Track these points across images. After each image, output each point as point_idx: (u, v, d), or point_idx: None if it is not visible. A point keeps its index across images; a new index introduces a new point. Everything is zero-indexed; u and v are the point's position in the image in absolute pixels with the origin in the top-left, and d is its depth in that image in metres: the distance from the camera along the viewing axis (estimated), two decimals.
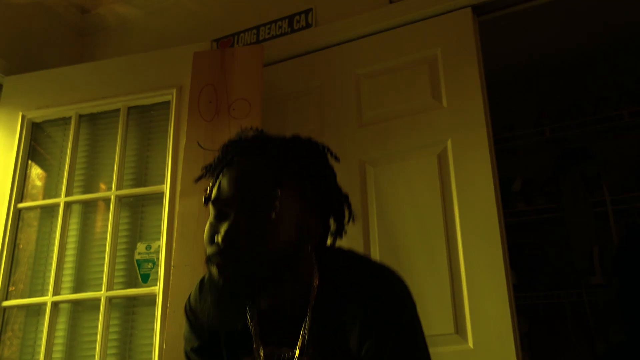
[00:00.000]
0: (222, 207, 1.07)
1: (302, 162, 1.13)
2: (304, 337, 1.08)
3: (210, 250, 1.06)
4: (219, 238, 1.04)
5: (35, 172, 2.65)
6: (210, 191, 1.10)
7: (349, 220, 1.17)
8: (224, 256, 1.04)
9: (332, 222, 1.16)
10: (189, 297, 1.27)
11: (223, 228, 1.04)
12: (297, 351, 0.88)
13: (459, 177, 2.13)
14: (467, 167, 2.13)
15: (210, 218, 1.09)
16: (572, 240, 3.05)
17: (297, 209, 1.09)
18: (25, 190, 2.55)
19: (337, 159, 1.20)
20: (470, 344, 1.94)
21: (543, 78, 3.53)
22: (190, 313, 1.25)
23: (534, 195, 3.33)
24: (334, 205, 1.17)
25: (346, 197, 1.19)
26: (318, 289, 1.11)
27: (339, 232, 1.16)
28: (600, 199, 3.09)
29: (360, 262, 1.17)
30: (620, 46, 3.33)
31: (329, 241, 1.16)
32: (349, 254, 1.18)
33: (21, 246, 2.51)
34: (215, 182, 1.10)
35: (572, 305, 3.06)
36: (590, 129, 3.27)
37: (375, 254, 2.16)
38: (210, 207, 1.10)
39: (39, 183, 2.65)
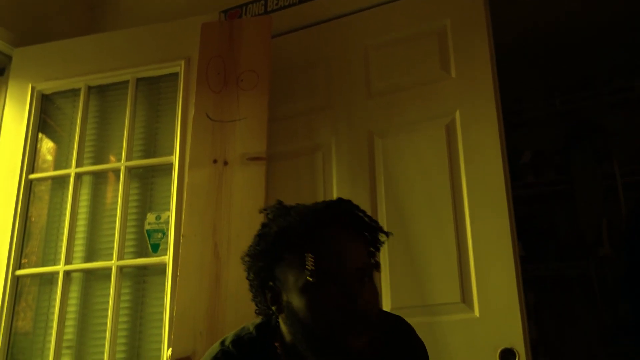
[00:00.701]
0: (338, 279, 1.07)
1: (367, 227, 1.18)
2: None
3: (356, 342, 1.04)
4: (365, 307, 1.06)
5: (46, 146, 2.68)
6: (324, 262, 1.07)
7: None
8: (374, 326, 1.07)
9: None
10: None
11: (365, 296, 1.07)
12: None
13: (467, 149, 2.13)
14: (476, 138, 2.13)
15: (322, 296, 1.07)
16: (580, 212, 3.05)
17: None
18: (36, 163, 2.58)
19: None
20: (477, 313, 1.95)
21: (554, 50, 3.49)
22: None
23: (543, 168, 3.32)
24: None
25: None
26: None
27: None
28: (610, 171, 3.08)
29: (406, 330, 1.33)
30: (633, 17, 3.28)
31: None
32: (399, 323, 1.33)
33: (33, 219, 2.54)
34: (309, 251, 1.08)
35: (579, 277, 3.07)
36: (602, 101, 3.25)
37: (383, 225, 2.16)
38: (310, 284, 1.07)
39: (49, 157, 2.68)
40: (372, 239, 1.18)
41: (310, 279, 1.05)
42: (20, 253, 2.43)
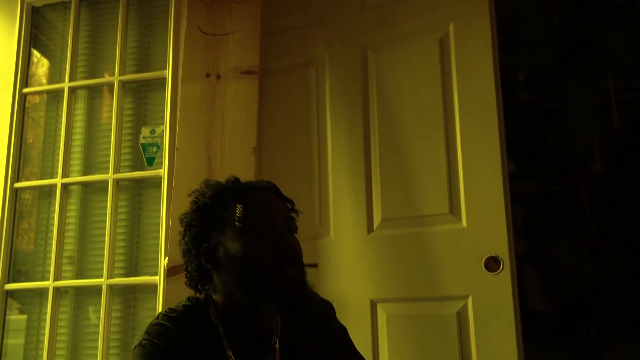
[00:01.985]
0: (269, 225, 1.19)
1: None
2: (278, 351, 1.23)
3: (290, 270, 1.16)
4: (291, 250, 1.17)
5: (39, 63, 2.66)
6: (240, 214, 1.20)
7: None
8: (300, 266, 1.17)
9: None
10: (160, 337, 1.19)
11: (291, 241, 1.20)
12: None
13: (460, 63, 2.13)
14: (469, 53, 2.12)
15: (252, 240, 1.17)
16: (574, 129, 3.06)
17: None
18: (29, 79, 2.57)
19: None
20: (464, 223, 2.01)
21: None
22: (164, 349, 1.18)
23: (538, 86, 3.30)
24: None
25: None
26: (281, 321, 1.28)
27: None
28: (605, 89, 3.07)
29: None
30: None
31: None
32: None
33: (30, 140, 2.56)
34: (239, 207, 1.20)
35: (570, 194, 3.12)
36: (600, 18, 3.19)
37: (375, 139, 2.20)
38: (241, 232, 1.19)
39: (43, 74, 2.66)
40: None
41: (238, 224, 1.19)
42: (18, 165, 2.47)
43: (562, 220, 3.09)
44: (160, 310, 2.10)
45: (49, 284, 2.31)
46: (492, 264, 1.94)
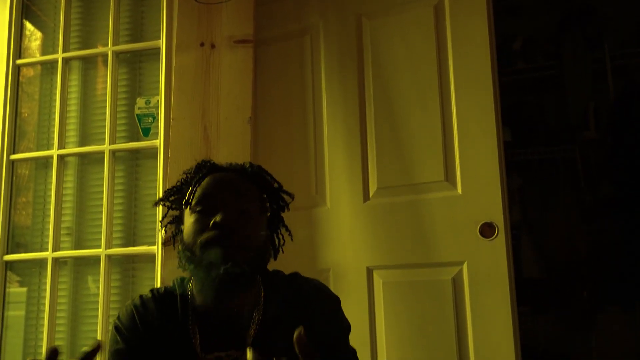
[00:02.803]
0: (211, 204, 1.19)
1: (268, 186, 1.31)
2: (253, 336, 1.20)
3: (208, 234, 1.15)
4: (217, 219, 1.14)
5: (33, 38, 2.64)
6: (192, 195, 1.22)
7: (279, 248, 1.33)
8: (227, 236, 1.14)
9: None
10: (125, 315, 1.25)
11: (219, 216, 1.15)
12: (249, 350, 0.96)
13: (455, 31, 2.12)
14: (464, 20, 2.11)
15: (194, 218, 1.19)
16: (569, 96, 3.06)
17: (265, 222, 1.27)
18: (22, 52, 2.55)
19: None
20: (459, 190, 2.03)
21: None
22: (129, 329, 1.23)
23: (534, 54, 3.30)
24: (280, 230, 1.34)
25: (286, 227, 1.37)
26: (264, 297, 1.25)
27: (276, 254, 1.32)
28: (600, 56, 3.07)
29: (293, 276, 1.34)
30: None
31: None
32: (282, 273, 1.34)
33: (25, 115, 2.55)
34: (194, 188, 1.23)
35: (564, 161, 3.13)
36: None
37: (370, 107, 2.20)
38: (190, 210, 1.21)
39: (37, 52, 2.64)
40: (273, 197, 1.32)
41: (184, 207, 1.23)
42: (14, 138, 2.47)
43: (557, 188, 3.11)
44: (159, 279, 2.12)
45: (48, 254, 2.32)
46: (487, 230, 1.96)
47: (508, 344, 1.90)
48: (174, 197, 1.30)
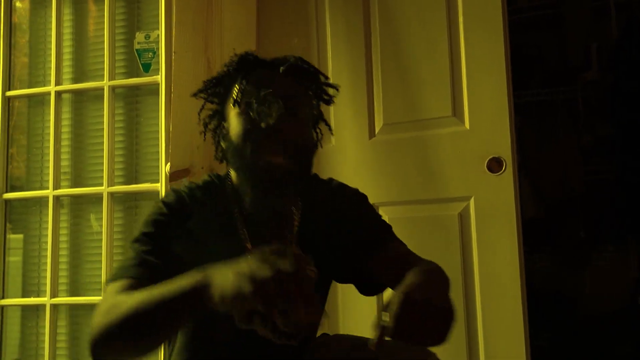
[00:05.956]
0: (260, 104, 1.14)
1: (314, 80, 1.26)
2: (297, 233, 1.23)
3: (260, 138, 1.14)
4: (270, 122, 1.12)
5: None
6: (240, 93, 1.18)
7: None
8: (280, 140, 1.13)
9: None
10: (173, 196, 1.23)
11: (271, 119, 1.13)
12: (294, 246, 0.96)
13: None
14: None
15: (243, 118, 1.17)
16: (568, 35, 3.03)
17: (312, 120, 1.26)
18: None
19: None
20: (467, 126, 2.01)
21: None
22: (176, 210, 1.21)
23: None
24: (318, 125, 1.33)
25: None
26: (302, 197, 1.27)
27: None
28: None
29: (330, 180, 1.38)
30: None
31: None
32: (318, 175, 1.37)
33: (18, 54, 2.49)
34: (242, 85, 1.18)
35: (564, 102, 3.12)
36: None
37: (376, 42, 2.16)
38: (238, 108, 1.18)
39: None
40: (317, 92, 1.28)
41: (232, 106, 1.20)
42: (9, 75, 2.40)
43: (556, 128, 3.11)
44: None
45: (49, 192, 2.29)
46: (494, 165, 1.96)
47: (514, 278, 1.92)
48: (213, 90, 1.27)
